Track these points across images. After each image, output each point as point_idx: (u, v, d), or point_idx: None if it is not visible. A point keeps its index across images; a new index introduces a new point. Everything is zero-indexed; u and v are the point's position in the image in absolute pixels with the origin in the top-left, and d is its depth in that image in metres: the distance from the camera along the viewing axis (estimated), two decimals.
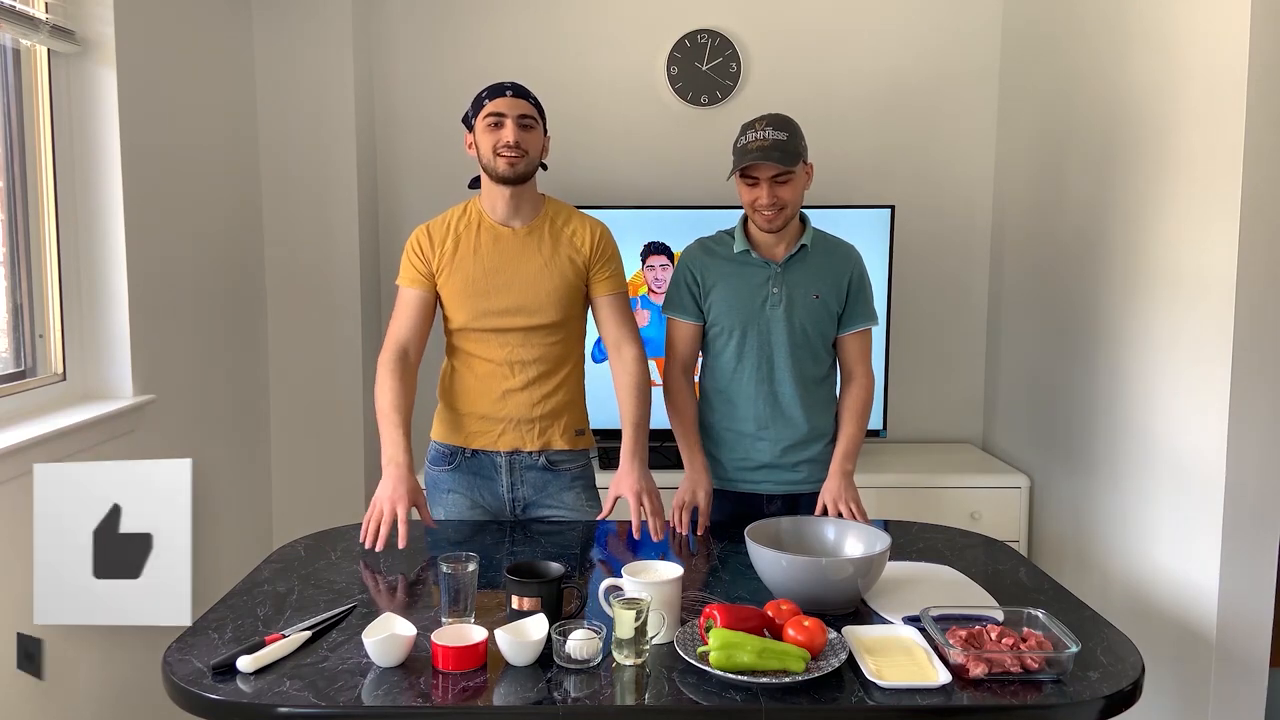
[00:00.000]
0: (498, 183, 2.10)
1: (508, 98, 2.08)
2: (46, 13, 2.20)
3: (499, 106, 2.07)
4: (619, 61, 3.32)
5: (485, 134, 2.08)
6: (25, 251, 2.22)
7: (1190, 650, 2.23)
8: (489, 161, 2.08)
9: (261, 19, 3.08)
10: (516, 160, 2.07)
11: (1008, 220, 3.28)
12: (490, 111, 2.07)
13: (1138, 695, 1.47)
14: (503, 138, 2.06)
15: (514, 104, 2.07)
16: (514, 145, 2.05)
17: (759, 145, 2.09)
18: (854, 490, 2.18)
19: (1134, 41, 2.47)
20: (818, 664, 1.46)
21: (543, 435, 2.17)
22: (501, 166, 2.07)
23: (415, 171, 3.36)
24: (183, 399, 2.64)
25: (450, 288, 2.13)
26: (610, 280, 2.18)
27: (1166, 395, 2.33)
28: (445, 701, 1.40)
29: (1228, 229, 2.09)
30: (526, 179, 2.11)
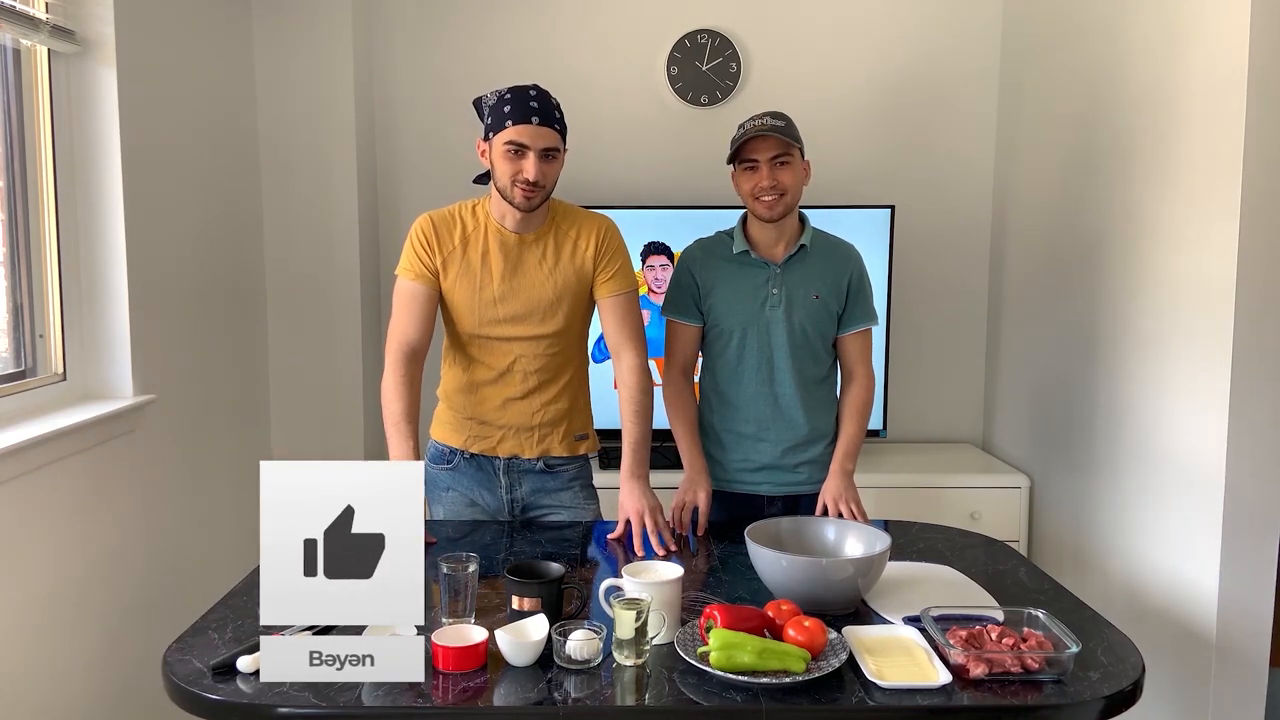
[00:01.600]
0: (512, 206, 2.02)
1: (533, 126, 1.94)
2: (46, 13, 2.19)
3: (523, 136, 1.94)
4: (619, 61, 3.31)
5: (504, 160, 1.97)
6: (25, 251, 2.22)
7: (1190, 650, 2.23)
8: (504, 188, 1.99)
9: (261, 19, 3.08)
10: (533, 195, 1.98)
11: (1008, 220, 3.28)
12: (512, 140, 1.95)
13: (1138, 695, 1.47)
14: (523, 171, 1.95)
15: (539, 135, 1.95)
16: (534, 183, 1.96)
17: (758, 126, 2.11)
18: (854, 490, 2.18)
19: (1134, 42, 2.47)
20: (818, 664, 1.46)
21: (542, 442, 2.16)
22: (518, 197, 1.99)
23: (415, 171, 3.36)
24: (183, 399, 2.64)
25: (457, 293, 2.08)
26: (614, 280, 2.12)
27: (1166, 395, 2.32)
28: (445, 702, 1.40)
29: (1228, 229, 2.09)
30: (541, 205, 2.05)
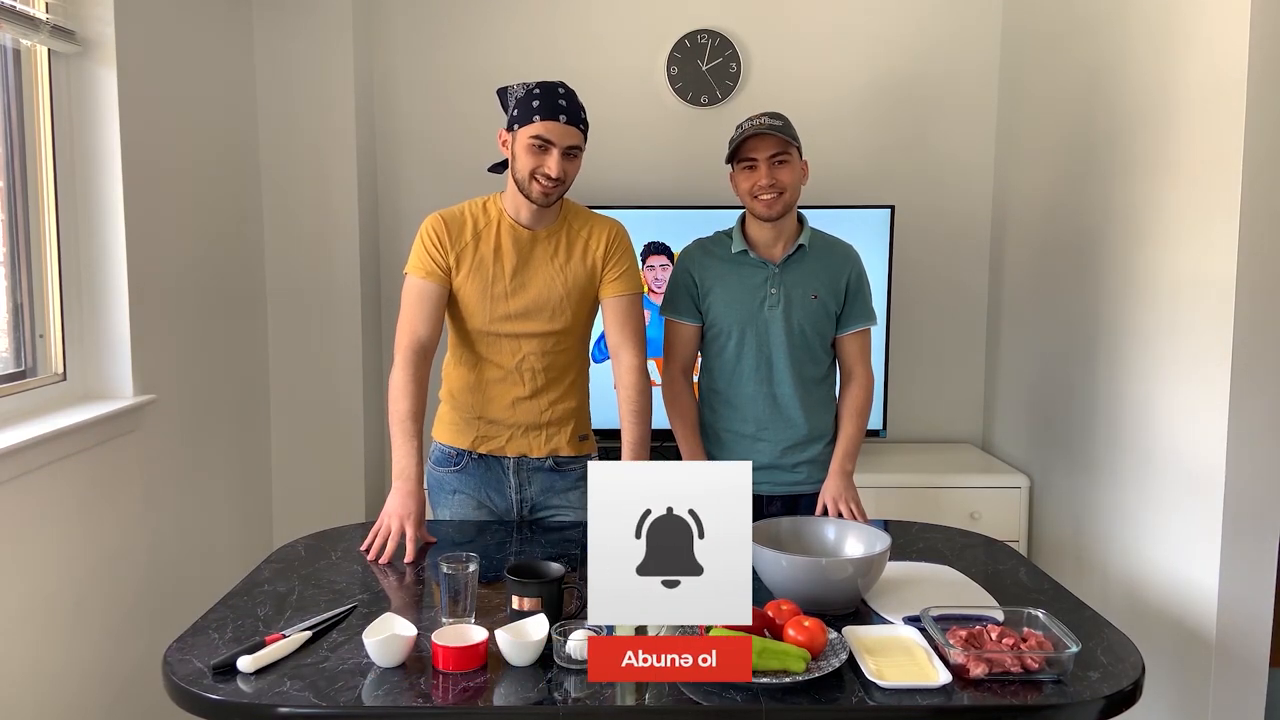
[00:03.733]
0: (528, 200, 2.04)
1: (560, 124, 1.98)
2: (46, 13, 2.19)
3: (550, 133, 1.97)
4: (619, 61, 3.31)
5: (526, 154, 1.99)
6: (25, 251, 2.22)
7: (1190, 650, 2.23)
8: (523, 181, 2.01)
9: (261, 18, 3.08)
10: (552, 191, 2.01)
11: (1008, 220, 3.28)
12: (539, 135, 1.97)
13: (1138, 695, 1.47)
14: (546, 167, 1.98)
15: (565, 133, 1.98)
16: (556, 179, 1.99)
17: (756, 125, 2.12)
18: (854, 490, 2.18)
19: (1134, 41, 2.47)
20: (818, 664, 1.46)
21: (550, 441, 2.16)
22: (536, 193, 2.00)
23: (415, 171, 3.36)
24: (183, 399, 2.64)
25: (468, 289, 2.08)
26: (620, 281, 2.13)
27: (1166, 395, 2.32)
28: (445, 702, 1.40)
29: (1228, 229, 2.09)
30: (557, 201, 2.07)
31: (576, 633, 1.48)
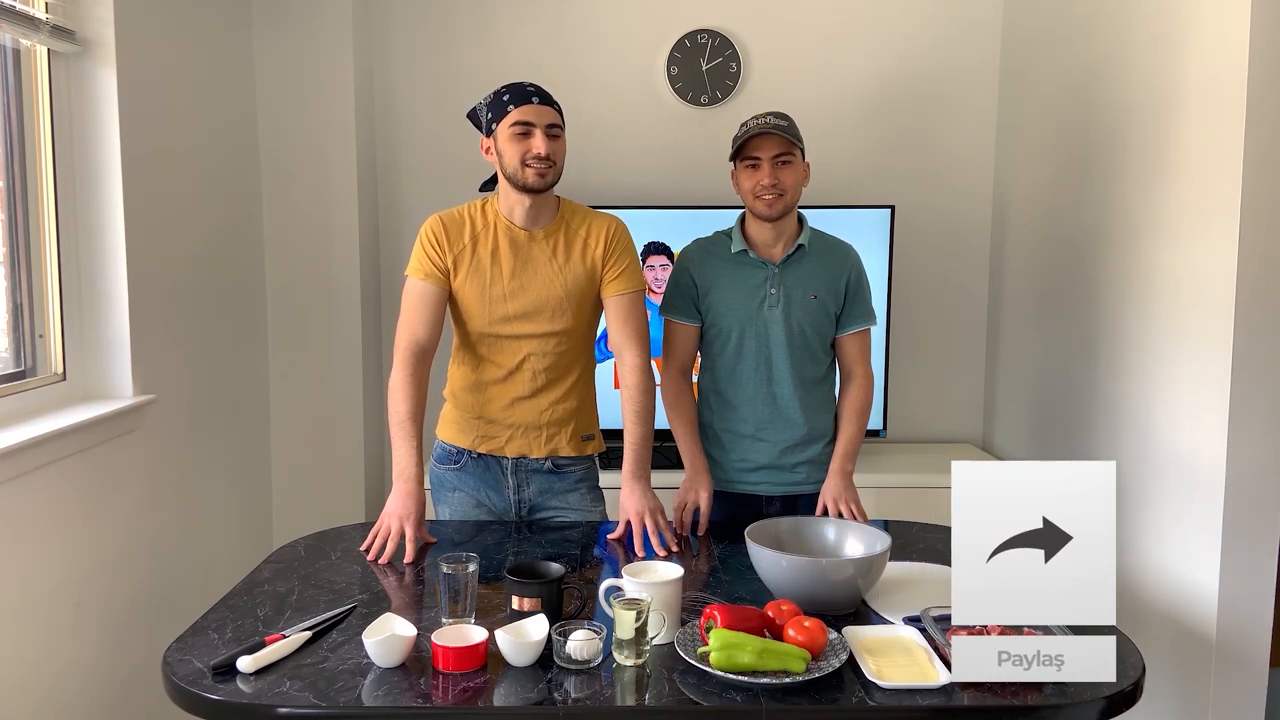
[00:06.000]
0: (523, 192, 2.04)
1: (535, 105, 2.00)
2: (46, 13, 2.19)
3: (527, 115, 1.99)
4: (619, 61, 3.31)
5: (511, 143, 2.00)
6: (25, 251, 2.22)
7: (1190, 650, 2.23)
8: (515, 171, 2.01)
9: (261, 19, 3.07)
10: (546, 172, 2.01)
11: (1008, 220, 3.28)
12: (518, 120, 1.99)
13: (1138, 695, 1.47)
14: (532, 148, 1.99)
15: (542, 112, 2.00)
16: (545, 157, 1.99)
17: (761, 124, 2.12)
18: (854, 490, 2.18)
19: (1134, 41, 2.47)
20: (818, 664, 1.45)
21: (550, 442, 2.16)
22: (531, 178, 2.01)
23: (415, 171, 3.36)
24: (183, 399, 2.64)
25: (467, 291, 2.08)
26: (621, 279, 2.12)
27: (1166, 395, 2.32)
28: (445, 702, 1.39)
29: (1227, 229, 2.09)
30: (552, 187, 2.07)
31: (576, 633, 1.48)
